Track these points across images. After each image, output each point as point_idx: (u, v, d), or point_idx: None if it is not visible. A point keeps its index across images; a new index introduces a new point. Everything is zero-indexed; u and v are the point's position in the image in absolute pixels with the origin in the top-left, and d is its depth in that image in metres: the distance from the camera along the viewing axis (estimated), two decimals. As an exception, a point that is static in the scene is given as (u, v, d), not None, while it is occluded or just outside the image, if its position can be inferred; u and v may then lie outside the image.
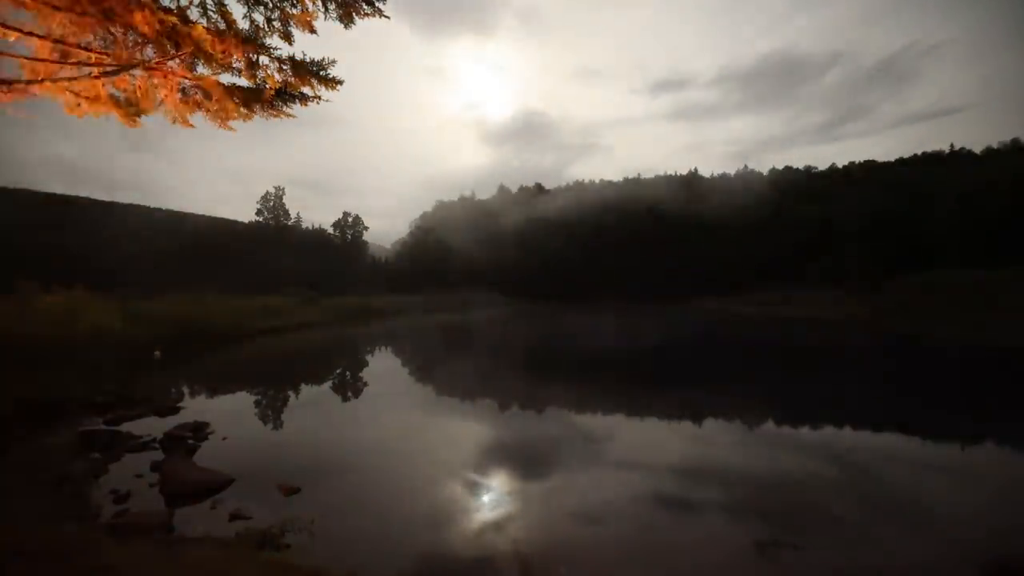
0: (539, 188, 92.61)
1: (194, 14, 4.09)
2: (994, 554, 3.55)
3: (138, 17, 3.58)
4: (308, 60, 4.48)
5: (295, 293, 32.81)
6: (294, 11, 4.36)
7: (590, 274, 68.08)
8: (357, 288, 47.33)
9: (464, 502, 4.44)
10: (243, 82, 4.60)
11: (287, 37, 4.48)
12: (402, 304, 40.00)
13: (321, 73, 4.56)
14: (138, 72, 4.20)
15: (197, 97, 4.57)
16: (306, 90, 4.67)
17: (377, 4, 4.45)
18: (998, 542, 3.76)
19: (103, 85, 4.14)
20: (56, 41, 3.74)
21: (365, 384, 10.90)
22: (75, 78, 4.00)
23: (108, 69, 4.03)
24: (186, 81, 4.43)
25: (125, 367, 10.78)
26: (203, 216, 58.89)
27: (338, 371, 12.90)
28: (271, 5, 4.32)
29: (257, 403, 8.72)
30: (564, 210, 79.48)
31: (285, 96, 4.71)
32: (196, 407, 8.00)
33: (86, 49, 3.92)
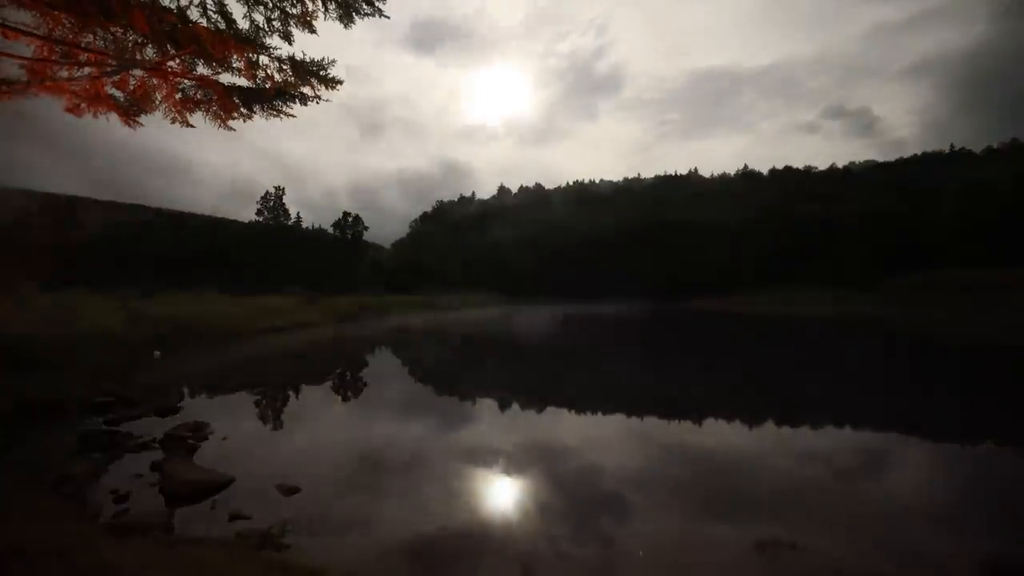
0: (539, 187, 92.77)
1: (194, 14, 4.09)
2: (995, 553, 3.55)
3: (138, 17, 3.58)
4: (308, 60, 4.48)
5: (295, 293, 32.81)
6: (294, 11, 4.36)
7: (590, 273, 68.02)
8: (357, 288, 47.31)
9: (465, 501, 4.44)
10: (243, 82, 4.60)
11: (287, 37, 4.48)
12: (401, 304, 39.99)
13: (321, 73, 4.56)
14: (138, 72, 4.20)
15: (197, 97, 4.57)
16: (306, 90, 4.67)
17: (377, 4, 4.45)
18: (999, 541, 3.76)
19: (103, 85, 4.13)
20: (56, 41, 3.74)
21: (365, 384, 10.90)
22: (75, 78, 4.00)
23: (108, 69, 4.03)
24: (186, 81, 4.43)
25: (125, 367, 10.78)
26: (203, 216, 58.86)
27: (338, 371, 12.90)
28: (271, 5, 4.32)
29: (257, 403, 8.71)
30: (564, 209, 79.50)
31: (285, 96, 4.71)
32: (196, 407, 8.00)
33: (86, 49, 3.92)
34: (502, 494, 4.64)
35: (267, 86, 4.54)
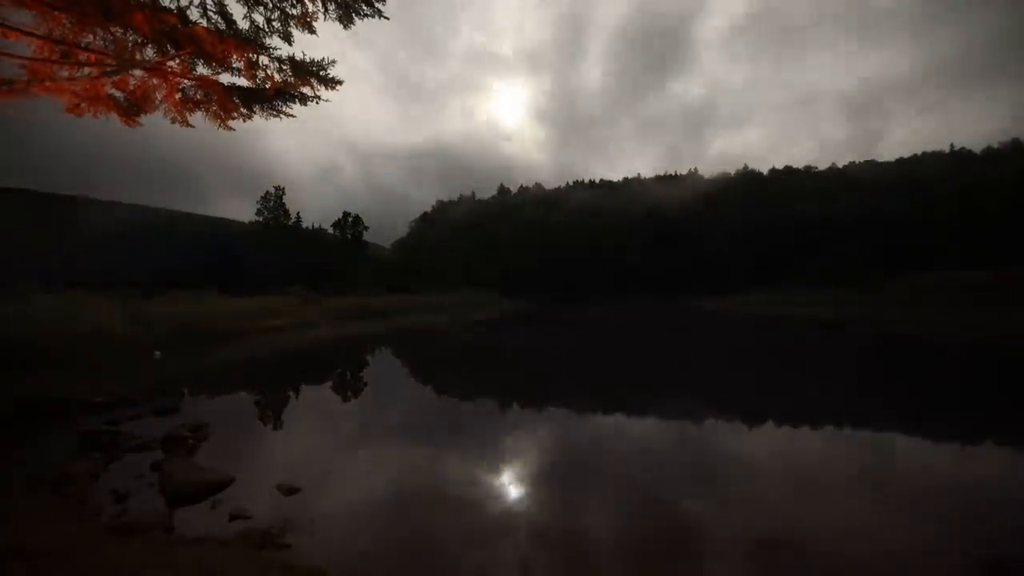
0: (539, 187, 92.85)
1: (194, 14, 4.10)
2: (995, 554, 3.55)
3: (138, 17, 3.58)
4: (308, 60, 4.48)
5: (295, 293, 32.78)
6: (294, 11, 4.36)
7: (590, 273, 68.06)
8: (357, 288, 47.29)
9: (466, 501, 4.44)
10: (243, 82, 4.61)
11: (287, 37, 4.48)
12: (402, 304, 39.94)
13: (321, 73, 4.56)
14: (138, 72, 4.20)
15: (197, 97, 4.57)
16: (306, 90, 4.67)
17: (377, 4, 4.45)
18: (999, 541, 3.75)
19: (103, 85, 4.14)
20: (56, 41, 3.74)
21: (364, 384, 10.90)
22: (75, 78, 4.00)
23: (108, 69, 4.03)
24: (186, 81, 4.43)
25: (125, 367, 10.78)
26: (203, 216, 58.88)
27: (337, 371, 12.90)
28: (271, 5, 4.32)
29: (257, 403, 8.72)
30: (564, 209, 79.59)
31: (285, 96, 4.72)
32: (196, 407, 8.00)
33: (86, 49, 3.92)
34: (499, 492, 4.64)
35: (267, 86, 4.55)
